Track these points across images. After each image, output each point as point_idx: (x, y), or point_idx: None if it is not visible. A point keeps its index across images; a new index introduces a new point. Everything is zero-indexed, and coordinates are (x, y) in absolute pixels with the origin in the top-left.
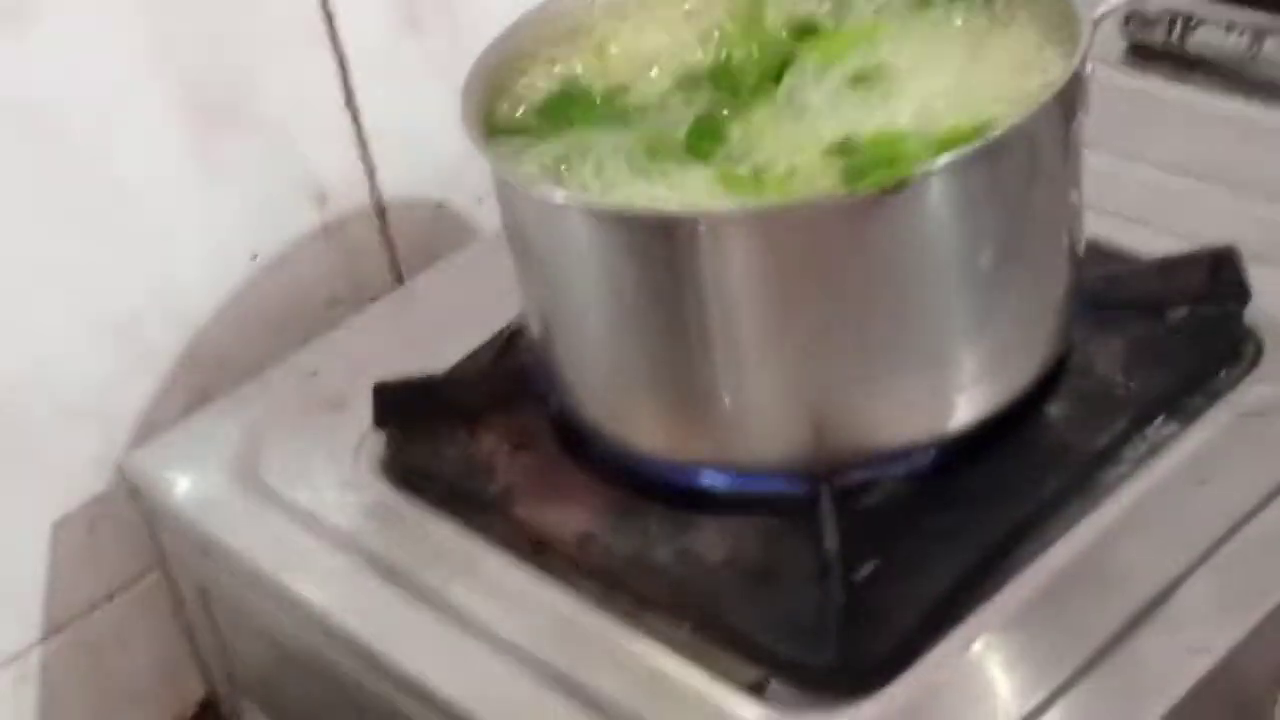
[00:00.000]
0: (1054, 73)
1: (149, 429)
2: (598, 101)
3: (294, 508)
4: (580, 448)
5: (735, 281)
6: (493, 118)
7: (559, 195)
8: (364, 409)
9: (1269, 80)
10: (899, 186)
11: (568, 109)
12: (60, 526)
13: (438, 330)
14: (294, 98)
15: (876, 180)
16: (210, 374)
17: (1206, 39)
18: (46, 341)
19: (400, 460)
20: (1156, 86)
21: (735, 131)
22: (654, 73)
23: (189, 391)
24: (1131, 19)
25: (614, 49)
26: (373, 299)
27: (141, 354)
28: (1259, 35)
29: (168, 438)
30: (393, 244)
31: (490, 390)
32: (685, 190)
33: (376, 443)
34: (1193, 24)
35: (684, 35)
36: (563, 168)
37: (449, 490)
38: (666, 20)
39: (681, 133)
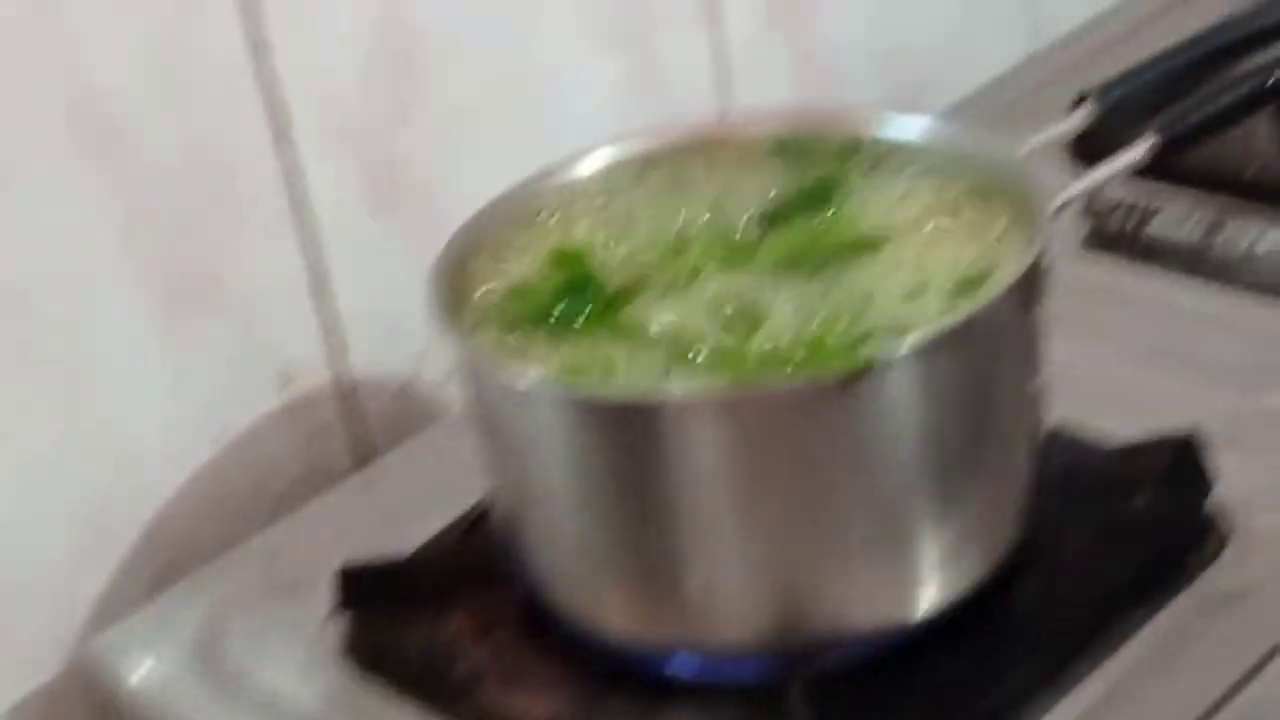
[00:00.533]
0: (1015, 260)
1: (108, 612)
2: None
3: (255, 693)
4: (548, 631)
5: (701, 465)
6: (466, 302)
7: (525, 378)
8: (327, 592)
9: (1226, 268)
10: (863, 372)
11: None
12: (15, 713)
13: (403, 512)
14: (263, 278)
15: (841, 366)
16: (172, 556)
17: (1163, 228)
18: (3, 522)
19: (363, 644)
20: (1116, 274)
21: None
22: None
23: (150, 573)
24: (1089, 208)
25: (585, 234)
26: (338, 480)
27: (101, 535)
28: (1214, 225)
29: (127, 622)
30: (358, 424)
31: (456, 572)
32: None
33: (340, 626)
34: (1149, 213)
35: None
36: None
37: (413, 675)
38: (637, 206)
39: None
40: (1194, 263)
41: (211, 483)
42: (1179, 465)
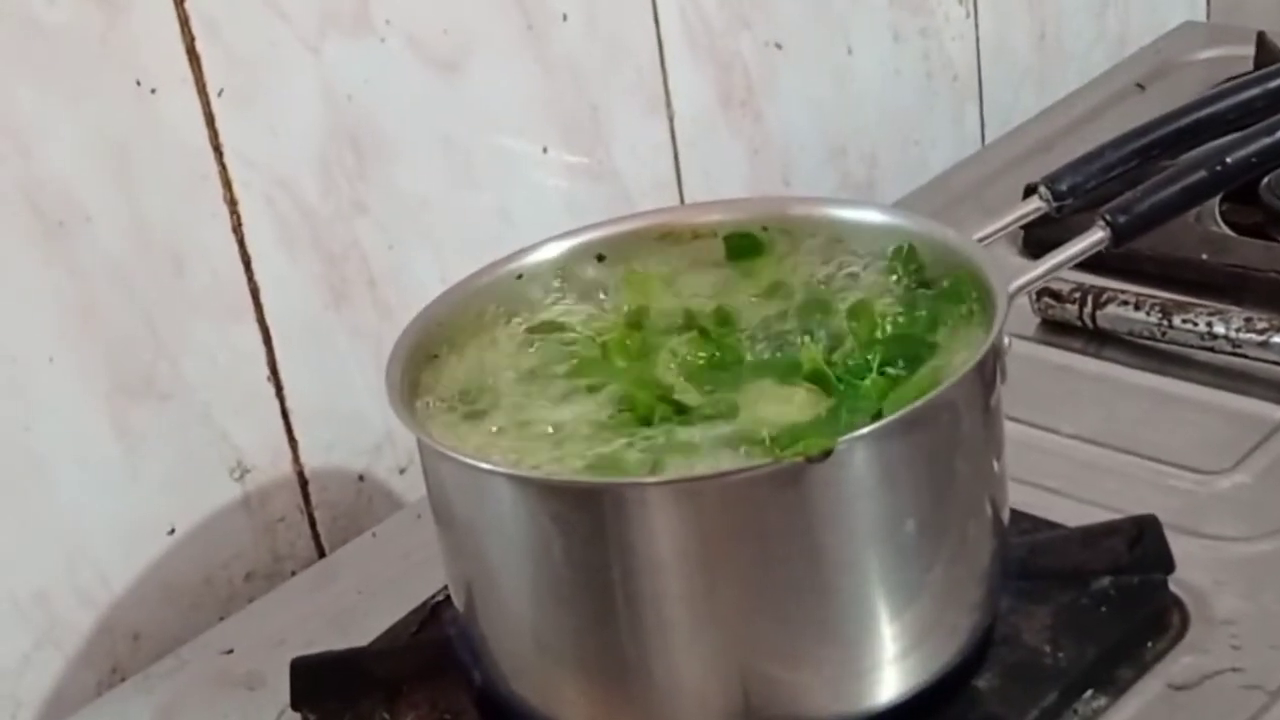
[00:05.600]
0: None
1: (57, 710)
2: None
3: None
4: None
5: (662, 551)
6: (423, 391)
7: (485, 463)
8: (281, 687)
9: (1179, 354)
10: (822, 456)
11: None
12: None
13: (360, 604)
14: (217, 370)
15: (802, 449)
16: (123, 652)
17: (1117, 314)
18: None
19: None
20: (1072, 359)
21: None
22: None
23: (100, 670)
24: (1043, 295)
25: (538, 324)
26: (293, 572)
27: (51, 631)
28: (1167, 311)
29: (76, 719)
30: (314, 517)
31: (412, 664)
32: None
33: None
34: (1103, 301)
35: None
36: None
37: None
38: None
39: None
40: (1146, 350)
41: (164, 576)
42: (1138, 549)
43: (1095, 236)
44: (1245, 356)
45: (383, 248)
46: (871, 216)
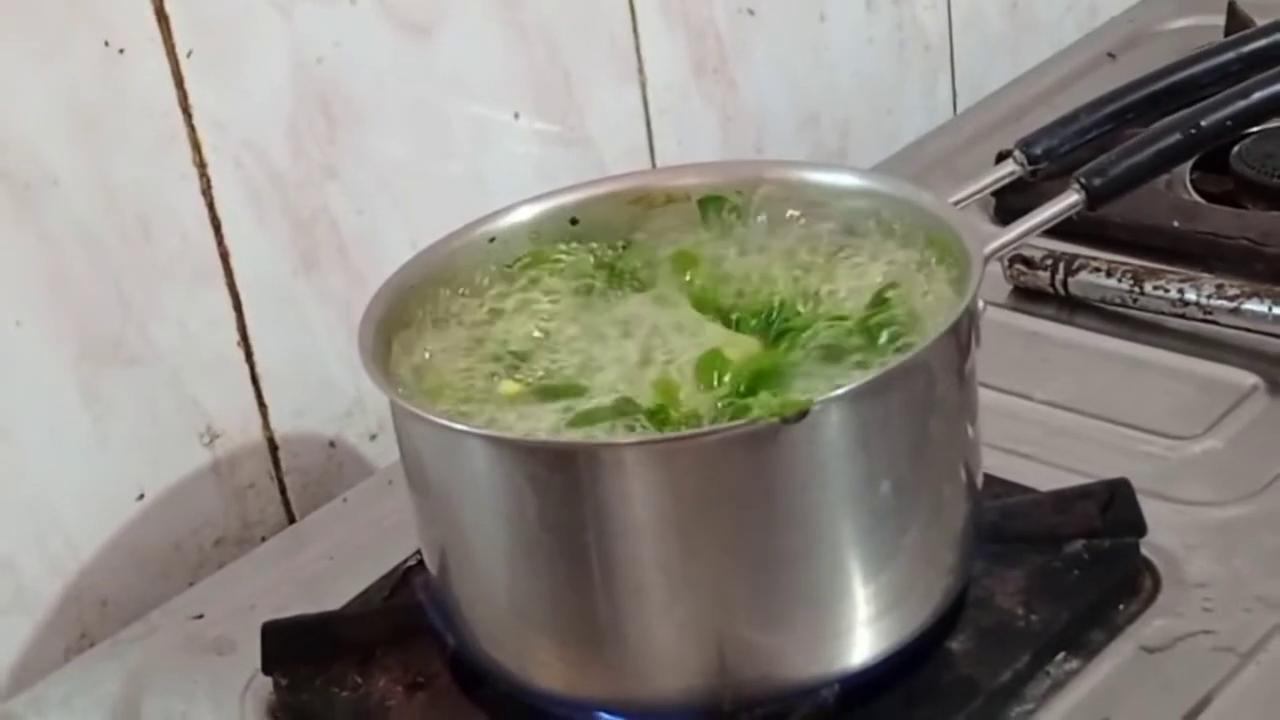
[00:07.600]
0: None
1: (24, 676)
2: None
3: None
4: (478, 687)
5: (637, 513)
6: (394, 354)
7: (460, 424)
8: (252, 652)
9: (1151, 320)
10: (796, 418)
11: None
12: None
13: (331, 569)
14: (187, 335)
15: (774, 411)
16: (91, 618)
17: (1089, 281)
18: None
19: (290, 705)
20: (1043, 326)
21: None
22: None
23: (68, 636)
24: (1015, 262)
25: (508, 289)
26: (264, 539)
27: (18, 596)
28: (1138, 278)
29: (44, 685)
30: (285, 482)
31: (385, 628)
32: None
33: (265, 686)
34: (1075, 267)
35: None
36: None
37: None
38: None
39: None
40: (1118, 317)
41: (133, 542)
42: (1111, 513)
43: (1070, 199)
44: (1216, 323)
45: (353, 213)
46: (846, 180)
